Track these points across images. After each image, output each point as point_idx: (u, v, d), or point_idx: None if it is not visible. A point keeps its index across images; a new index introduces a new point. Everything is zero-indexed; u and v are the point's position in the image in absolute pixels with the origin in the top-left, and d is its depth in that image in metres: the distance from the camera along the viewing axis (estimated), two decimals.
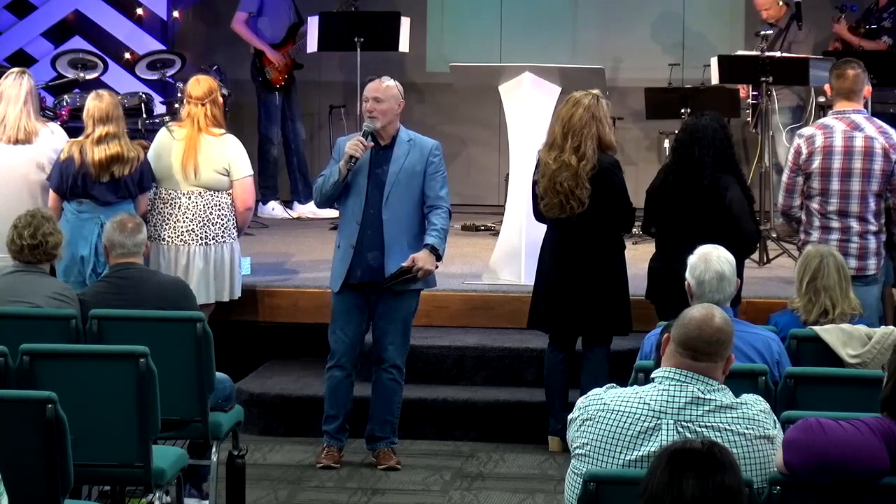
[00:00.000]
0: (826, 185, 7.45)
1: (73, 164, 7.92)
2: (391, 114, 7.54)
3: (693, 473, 3.26)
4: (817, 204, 7.48)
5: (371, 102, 7.53)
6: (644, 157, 12.24)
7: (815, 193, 7.48)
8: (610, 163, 7.65)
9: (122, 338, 6.18)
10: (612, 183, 7.61)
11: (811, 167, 7.46)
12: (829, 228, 7.46)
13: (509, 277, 8.96)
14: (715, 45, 11.66)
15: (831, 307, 6.29)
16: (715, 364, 4.15)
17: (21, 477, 4.77)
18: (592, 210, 7.55)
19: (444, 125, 12.55)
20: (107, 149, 7.90)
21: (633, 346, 6.92)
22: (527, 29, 12.52)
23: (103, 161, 7.88)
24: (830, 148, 7.44)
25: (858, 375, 5.58)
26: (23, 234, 6.61)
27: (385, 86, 7.56)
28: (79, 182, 7.93)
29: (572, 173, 7.51)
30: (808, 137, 7.52)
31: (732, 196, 7.55)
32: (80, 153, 7.92)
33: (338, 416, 7.61)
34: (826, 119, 7.69)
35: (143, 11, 12.66)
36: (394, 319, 7.53)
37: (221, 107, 8.35)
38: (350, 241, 7.46)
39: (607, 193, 7.57)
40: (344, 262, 7.47)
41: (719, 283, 5.77)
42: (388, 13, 11.28)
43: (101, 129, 7.91)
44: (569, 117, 7.59)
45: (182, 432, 6.41)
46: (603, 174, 7.55)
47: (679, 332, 4.17)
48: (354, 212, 7.47)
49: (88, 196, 7.96)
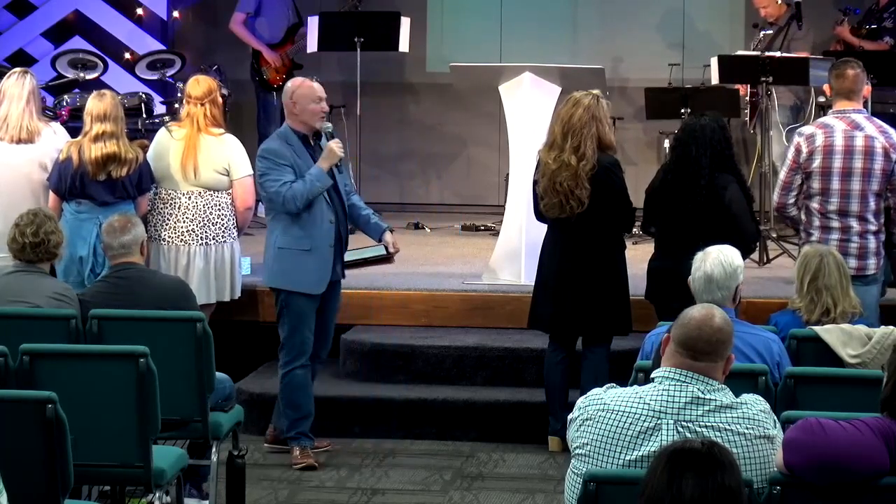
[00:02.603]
0: (826, 185, 7.45)
1: (71, 163, 7.93)
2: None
3: (693, 473, 3.26)
4: (817, 203, 7.47)
5: (323, 103, 7.55)
6: (644, 157, 12.24)
7: (816, 193, 7.48)
8: (610, 162, 7.64)
9: (122, 338, 6.17)
10: (612, 183, 7.60)
11: (811, 166, 7.46)
12: (829, 228, 7.45)
13: (509, 277, 8.96)
14: (715, 45, 11.66)
15: (833, 306, 6.29)
16: (715, 364, 4.16)
17: (21, 477, 4.77)
18: (592, 210, 7.55)
19: (444, 125, 12.57)
20: (103, 147, 7.90)
21: (633, 346, 6.92)
22: (527, 29, 12.52)
23: (99, 159, 7.88)
24: (831, 147, 7.44)
25: (858, 375, 5.58)
26: (25, 233, 6.61)
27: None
28: (77, 182, 7.93)
29: (572, 173, 7.51)
30: (808, 136, 7.51)
31: (731, 196, 7.55)
32: (78, 152, 7.93)
33: (310, 413, 7.63)
34: (826, 118, 7.69)
35: (143, 11, 12.66)
36: (336, 312, 7.72)
37: (221, 107, 8.35)
38: (329, 241, 7.49)
39: (607, 193, 7.57)
40: (327, 263, 7.49)
41: (707, 284, 5.76)
42: (388, 13, 11.29)
43: (98, 126, 7.92)
44: (569, 117, 7.59)
45: (182, 432, 6.41)
46: (602, 174, 7.55)
47: (679, 332, 4.18)
48: (324, 213, 7.48)
49: (86, 196, 7.97)
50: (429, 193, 12.77)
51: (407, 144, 12.60)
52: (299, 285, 7.50)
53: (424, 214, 11.92)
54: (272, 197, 7.43)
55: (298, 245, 7.48)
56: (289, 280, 7.50)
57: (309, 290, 7.50)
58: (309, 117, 7.51)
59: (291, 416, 7.61)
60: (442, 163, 12.73)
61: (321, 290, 7.52)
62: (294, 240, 7.48)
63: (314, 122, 7.53)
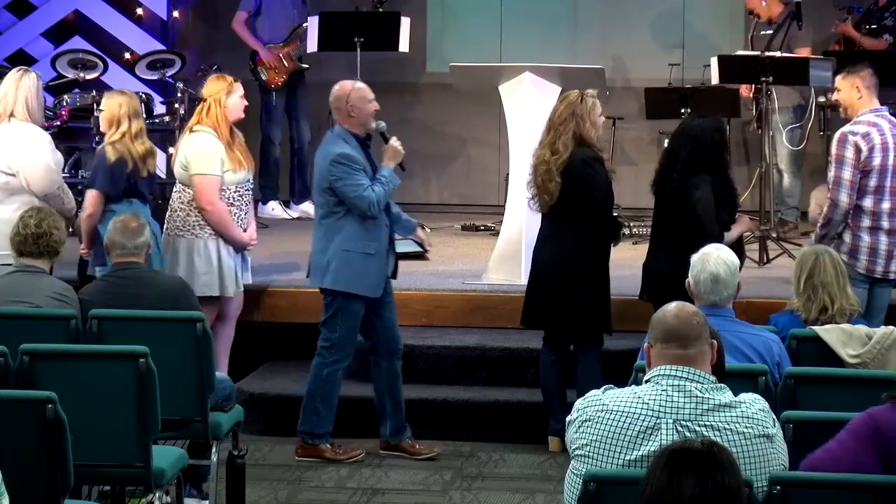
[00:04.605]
0: (882, 182, 7.49)
1: (125, 164, 7.87)
2: None
3: (693, 473, 3.26)
4: (870, 202, 7.50)
5: (374, 102, 7.58)
6: (644, 157, 12.22)
7: (870, 191, 7.51)
8: (587, 157, 7.58)
9: (122, 338, 6.18)
10: (584, 176, 7.55)
11: (871, 164, 7.48)
12: (878, 229, 7.50)
13: (509, 277, 8.95)
14: (715, 45, 11.66)
15: (830, 303, 6.29)
16: (703, 348, 4.18)
17: (21, 477, 4.77)
18: (562, 204, 7.60)
19: (444, 125, 12.57)
20: (143, 143, 7.97)
21: (633, 346, 6.91)
22: (527, 29, 12.53)
23: (144, 156, 7.96)
24: (886, 144, 7.49)
25: (858, 375, 5.59)
26: (28, 224, 6.61)
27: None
28: (131, 181, 7.95)
29: (546, 168, 7.60)
30: (863, 135, 7.51)
31: (700, 195, 7.54)
32: (128, 152, 7.91)
33: (334, 412, 7.68)
34: (869, 116, 7.60)
35: (143, 11, 12.66)
36: (394, 306, 7.76)
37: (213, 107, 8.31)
38: (386, 244, 7.61)
39: (578, 187, 7.56)
40: (384, 266, 7.60)
41: (714, 285, 5.76)
42: (388, 13, 11.28)
43: (136, 123, 7.95)
44: (553, 114, 7.73)
45: (182, 432, 6.41)
46: (577, 167, 7.55)
47: (659, 331, 4.20)
48: (382, 215, 7.57)
49: (137, 194, 7.97)
50: (429, 193, 12.77)
51: (407, 144, 12.43)
52: (361, 288, 7.55)
53: (424, 214, 11.90)
54: (357, 202, 7.45)
55: (364, 248, 7.54)
56: (352, 283, 7.55)
57: (369, 292, 7.57)
58: (366, 119, 7.59)
59: (324, 413, 7.64)
60: (442, 163, 12.73)
61: (380, 294, 7.62)
62: (361, 243, 7.54)
63: (370, 123, 7.61)
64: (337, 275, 7.56)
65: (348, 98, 7.56)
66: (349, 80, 7.78)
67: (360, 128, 7.60)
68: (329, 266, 7.58)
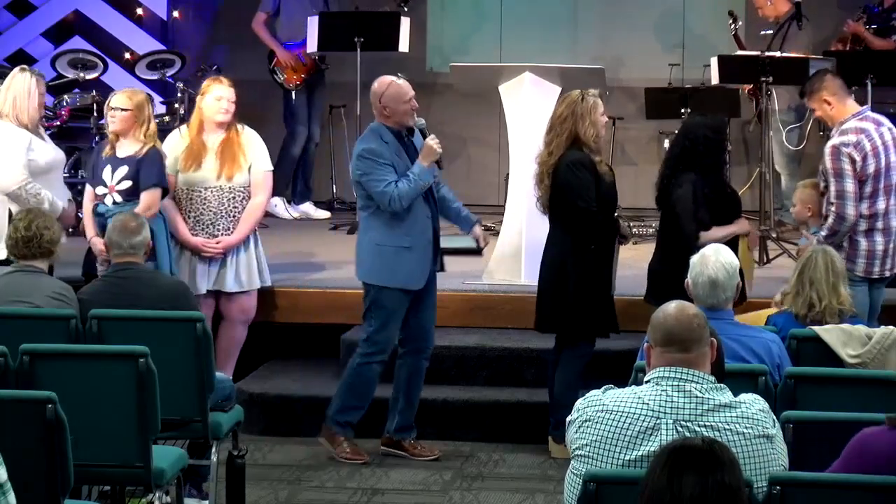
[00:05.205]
0: (876, 186, 7.51)
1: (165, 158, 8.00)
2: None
3: (693, 471, 3.26)
4: (866, 206, 7.51)
5: (413, 100, 7.60)
6: (644, 157, 12.24)
7: (866, 196, 7.52)
8: (572, 159, 7.54)
9: (122, 338, 6.18)
10: (564, 180, 7.53)
11: (867, 172, 7.49)
12: (874, 230, 7.51)
13: (509, 277, 8.96)
14: (715, 45, 11.65)
15: (817, 300, 6.29)
16: (702, 350, 4.17)
17: (21, 477, 4.76)
18: (552, 207, 7.63)
19: (444, 125, 12.54)
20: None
21: (633, 346, 6.91)
22: (527, 29, 12.52)
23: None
24: (877, 149, 7.52)
25: (858, 375, 5.59)
26: (18, 227, 6.63)
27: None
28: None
29: (541, 169, 7.62)
30: (854, 145, 7.48)
31: (681, 194, 7.54)
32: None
33: (365, 409, 7.67)
34: (852, 123, 7.57)
35: (143, 11, 12.67)
36: (435, 305, 7.76)
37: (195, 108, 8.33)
38: (427, 237, 7.59)
39: (560, 191, 7.56)
40: (426, 259, 7.58)
41: (712, 289, 5.75)
42: (388, 13, 11.27)
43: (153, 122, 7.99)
44: (553, 114, 7.72)
45: (182, 432, 6.41)
46: (559, 171, 7.55)
47: (659, 332, 4.19)
48: (422, 208, 7.56)
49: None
50: None
51: None
52: (395, 280, 7.53)
53: None
54: (377, 197, 7.44)
55: (398, 242, 7.53)
56: (386, 276, 7.53)
57: (406, 285, 7.54)
58: (401, 118, 7.57)
59: (351, 403, 7.64)
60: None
61: (421, 286, 7.57)
62: (394, 237, 7.53)
63: (407, 122, 7.59)
64: (369, 267, 7.60)
65: (382, 96, 7.55)
66: (389, 76, 7.72)
67: (397, 125, 7.58)
68: (363, 259, 7.64)
